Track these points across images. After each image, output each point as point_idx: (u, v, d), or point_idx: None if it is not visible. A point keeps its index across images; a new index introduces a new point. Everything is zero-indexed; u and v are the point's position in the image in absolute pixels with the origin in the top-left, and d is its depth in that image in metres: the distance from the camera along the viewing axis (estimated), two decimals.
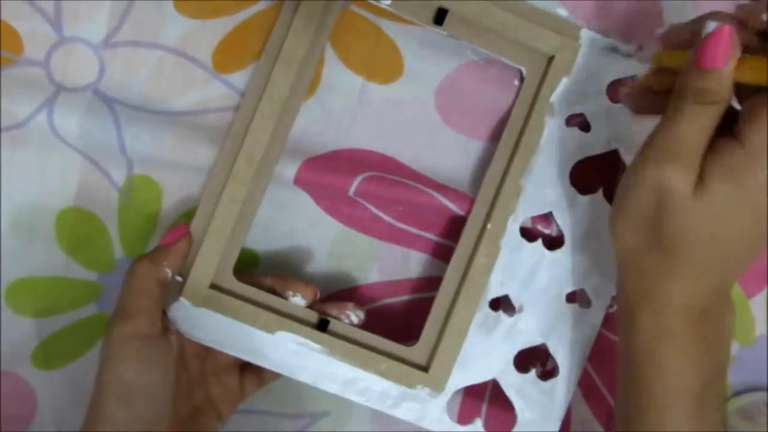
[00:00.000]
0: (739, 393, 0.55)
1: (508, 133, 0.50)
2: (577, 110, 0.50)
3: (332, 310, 0.49)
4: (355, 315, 0.49)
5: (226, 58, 0.49)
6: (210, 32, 0.49)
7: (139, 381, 0.43)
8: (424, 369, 0.49)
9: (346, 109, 0.51)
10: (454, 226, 0.52)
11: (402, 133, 0.51)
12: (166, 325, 0.46)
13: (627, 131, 0.51)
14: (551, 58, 0.49)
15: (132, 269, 0.45)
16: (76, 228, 0.50)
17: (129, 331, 0.44)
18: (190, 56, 0.49)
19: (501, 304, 0.51)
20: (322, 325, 0.49)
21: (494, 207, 0.49)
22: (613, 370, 0.54)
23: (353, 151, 0.51)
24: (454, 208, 0.51)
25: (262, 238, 0.52)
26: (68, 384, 0.52)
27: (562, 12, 0.50)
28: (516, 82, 0.51)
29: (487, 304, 0.50)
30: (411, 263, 0.53)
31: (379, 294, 0.53)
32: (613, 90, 0.50)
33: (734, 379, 0.55)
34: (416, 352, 0.50)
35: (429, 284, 0.53)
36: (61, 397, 0.52)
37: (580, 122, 0.50)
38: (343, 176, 0.50)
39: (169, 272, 0.46)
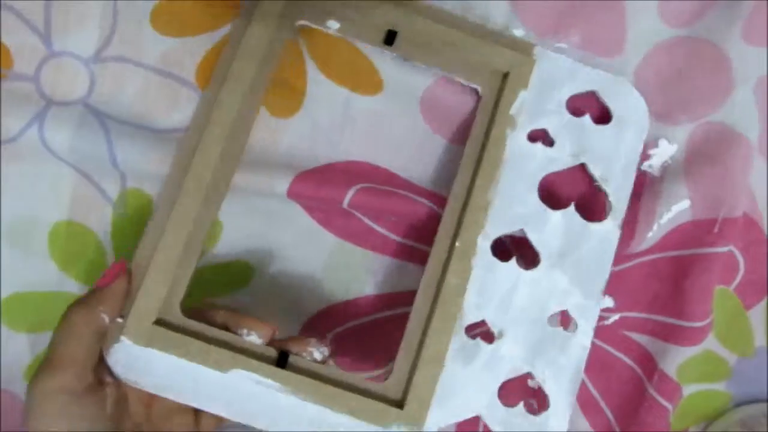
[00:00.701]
0: (739, 405, 0.55)
1: (471, 147, 0.49)
2: (539, 125, 0.49)
3: (292, 346, 0.45)
4: (318, 351, 0.45)
5: (209, 75, 0.49)
6: (191, 50, 0.49)
7: None
8: (399, 405, 0.45)
9: (334, 121, 0.51)
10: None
11: (391, 144, 0.51)
12: (100, 377, 0.42)
13: (592, 144, 0.50)
14: (506, 75, 0.49)
15: (64, 315, 0.42)
16: (70, 242, 0.50)
17: (54, 386, 0.40)
18: (175, 75, 0.49)
19: (479, 329, 0.49)
20: (282, 361, 0.44)
21: (462, 223, 0.47)
22: (610, 383, 0.54)
23: (345, 164, 0.51)
24: None
25: (256, 251, 0.51)
26: None
27: (519, 32, 0.51)
28: None
29: (463, 331, 0.47)
30: (406, 276, 0.52)
31: (374, 307, 0.53)
32: (574, 104, 0.50)
33: (734, 391, 0.55)
34: (390, 386, 0.46)
35: None
36: None
37: (543, 137, 0.50)
38: (336, 188, 0.49)
39: (105, 317, 0.43)
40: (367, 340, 0.53)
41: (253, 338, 0.44)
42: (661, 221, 0.52)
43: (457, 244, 0.47)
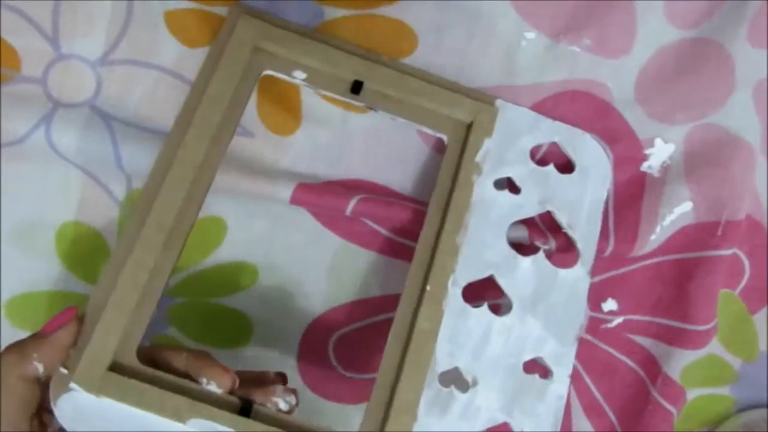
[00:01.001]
0: (741, 410, 0.55)
1: (438, 194, 0.49)
2: (504, 173, 0.50)
3: (257, 395, 0.41)
4: (284, 401, 0.41)
5: None
6: (203, 56, 0.49)
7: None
8: None
9: (333, 140, 0.51)
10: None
11: (389, 161, 0.52)
12: (42, 423, 0.40)
13: (557, 192, 0.51)
14: (470, 125, 0.49)
15: None
16: (76, 242, 0.50)
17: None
18: (185, 78, 0.49)
19: (452, 378, 0.47)
20: (246, 410, 0.41)
21: (432, 267, 0.47)
22: (613, 386, 0.54)
23: (345, 181, 0.51)
24: None
25: (261, 253, 0.52)
26: None
27: (531, 35, 0.51)
28: None
29: (436, 380, 0.45)
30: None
31: (378, 308, 0.53)
32: (540, 154, 0.51)
33: (738, 395, 0.55)
34: (366, 427, 0.44)
35: None
36: None
37: (509, 185, 0.50)
38: (338, 198, 0.50)
39: (39, 366, 0.39)
40: (372, 341, 0.53)
41: (213, 387, 0.40)
42: (663, 223, 0.52)
43: (427, 288, 0.46)
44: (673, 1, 0.51)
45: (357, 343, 0.54)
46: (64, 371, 0.39)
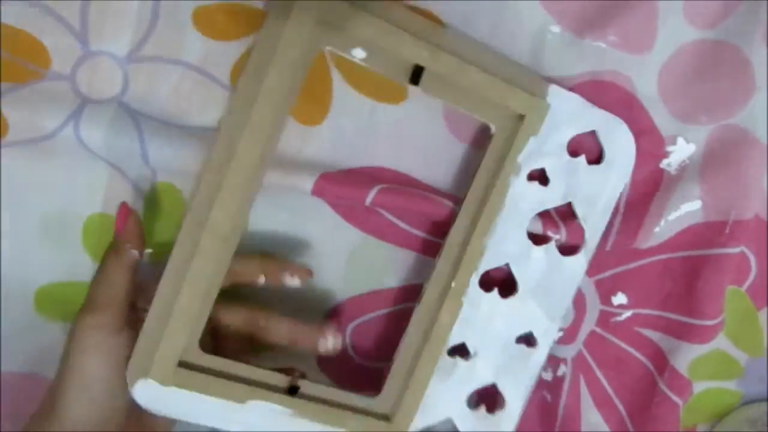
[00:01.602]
0: (746, 403, 0.56)
1: (473, 193, 0.50)
2: (539, 165, 0.51)
3: (307, 333, 0.50)
4: (333, 340, 0.50)
5: None
6: (228, 51, 0.49)
7: (99, 372, 0.45)
8: (388, 419, 0.51)
9: (358, 130, 0.51)
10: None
11: (414, 150, 0.52)
12: (130, 319, 0.46)
13: (582, 185, 0.52)
14: (521, 117, 0.50)
15: (101, 261, 0.47)
16: (103, 234, 0.51)
17: (94, 323, 0.45)
18: (209, 74, 0.50)
19: (458, 350, 0.53)
20: (292, 390, 0.49)
21: (459, 266, 0.50)
22: (622, 378, 0.55)
23: (367, 169, 0.52)
24: None
25: (280, 245, 0.52)
26: None
27: (555, 28, 0.51)
28: None
29: (446, 353, 0.52)
30: (428, 269, 0.53)
31: (395, 299, 0.54)
32: (573, 144, 0.52)
33: (745, 389, 0.56)
34: (380, 402, 0.52)
35: None
36: None
37: (539, 177, 0.51)
38: (359, 188, 0.50)
39: (135, 252, 0.47)
40: (388, 330, 0.54)
41: (295, 282, 0.49)
42: (669, 217, 0.53)
43: (453, 284, 0.50)
44: (692, 1, 0.52)
45: (373, 333, 0.55)
46: (149, 251, 0.49)
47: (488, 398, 0.55)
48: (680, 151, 0.53)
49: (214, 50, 0.49)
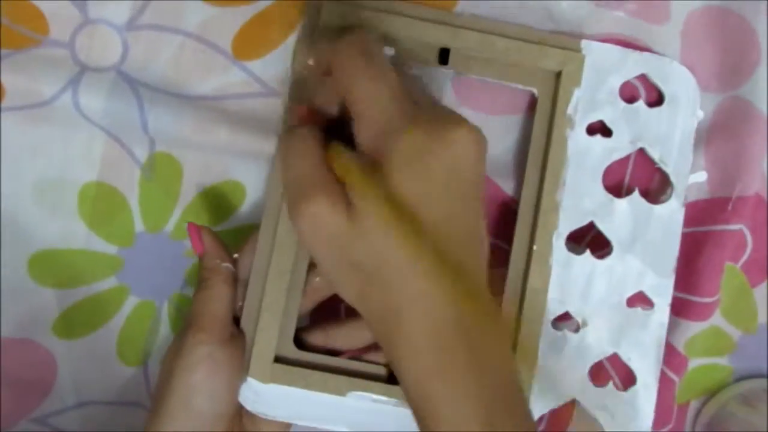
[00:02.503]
0: (740, 379, 0.56)
1: (533, 152, 0.50)
2: (596, 117, 0.51)
3: None
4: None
5: (245, 45, 0.50)
6: (230, 19, 0.50)
7: (205, 384, 0.44)
8: None
9: None
10: (492, 215, 0.53)
11: None
12: (236, 330, 0.47)
13: (648, 128, 0.51)
14: (559, 74, 0.50)
15: (198, 281, 0.47)
16: (98, 202, 0.51)
17: (200, 338, 0.44)
18: (210, 42, 0.50)
19: (564, 321, 0.51)
20: (393, 378, 0.47)
21: (536, 227, 0.49)
22: None
23: None
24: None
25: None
26: (88, 353, 0.53)
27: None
28: None
29: (549, 325, 0.50)
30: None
31: None
32: (626, 91, 0.51)
33: (736, 365, 0.56)
34: None
35: None
36: (80, 366, 0.53)
37: (601, 129, 0.51)
38: None
39: (229, 266, 0.47)
40: None
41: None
42: None
43: (534, 247, 0.49)
44: None
45: None
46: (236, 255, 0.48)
47: (615, 373, 0.53)
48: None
49: (214, 17, 0.50)
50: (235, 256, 0.48)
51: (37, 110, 0.49)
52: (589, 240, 0.52)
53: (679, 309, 0.53)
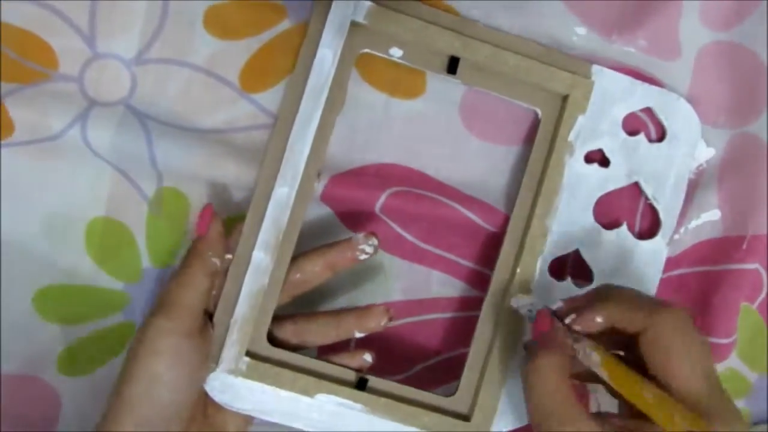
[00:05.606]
0: (758, 423, 0.55)
1: (529, 175, 0.50)
2: (595, 146, 0.50)
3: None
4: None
5: (253, 77, 0.50)
6: (237, 52, 0.50)
7: (167, 374, 0.44)
8: (467, 418, 0.49)
9: (371, 124, 0.51)
10: (479, 242, 0.52)
11: (427, 145, 0.52)
12: (205, 322, 0.47)
13: (645, 162, 0.51)
14: (565, 97, 0.50)
15: (181, 264, 0.47)
16: (106, 238, 0.51)
17: (168, 326, 0.44)
18: (218, 75, 0.50)
19: None
20: (361, 384, 0.49)
21: (522, 251, 0.49)
22: None
23: (378, 166, 0.52)
24: (480, 222, 0.51)
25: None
26: (92, 390, 0.52)
27: (581, 30, 0.51)
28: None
29: (523, 347, 0.50)
30: (432, 283, 0.53)
31: (401, 313, 0.54)
32: (629, 122, 0.51)
33: (753, 408, 0.55)
34: (457, 401, 0.50)
35: (450, 305, 0.54)
36: (85, 403, 0.52)
37: (599, 158, 0.51)
38: (369, 192, 0.50)
39: (216, 261, 0.47)
40: (393, 345, 0.54)
41: (371, 249, 0.48)
42: (689, 225, 0.52)
43: (518, 270, 0.49)
44: (707, 1, 0.51)
45: (376, 347, 0.54)
46: (229, 257, 0.48)
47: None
48: (699, 155, 0.53)
49: (222, 50, 0.50)
50: (228, 256, 0.48)
51: (45, 144, 0.49)
52: (571, 268, 0.52)
53: None
